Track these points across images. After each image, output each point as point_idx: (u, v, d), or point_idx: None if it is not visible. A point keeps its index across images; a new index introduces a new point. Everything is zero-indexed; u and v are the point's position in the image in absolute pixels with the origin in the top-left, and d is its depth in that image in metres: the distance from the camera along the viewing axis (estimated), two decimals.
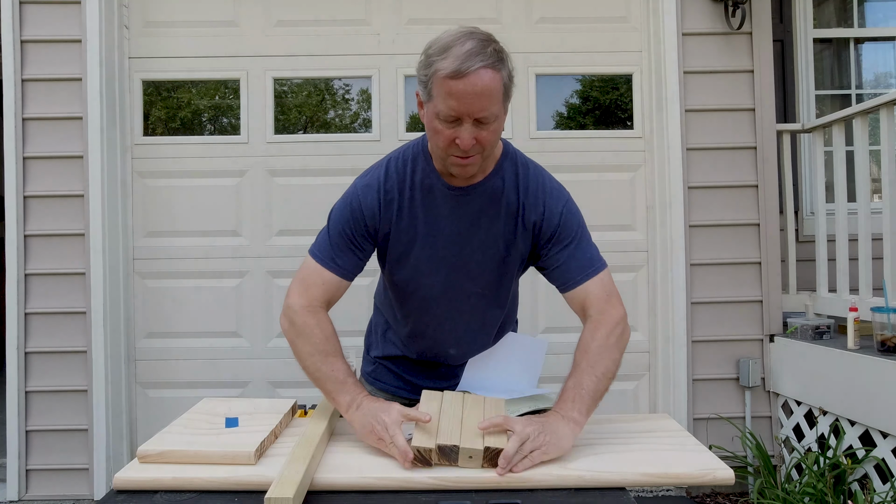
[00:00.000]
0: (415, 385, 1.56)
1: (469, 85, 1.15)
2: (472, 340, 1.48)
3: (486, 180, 1.35)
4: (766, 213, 2.89)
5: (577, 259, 1.35)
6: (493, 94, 1.18)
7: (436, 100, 1.20)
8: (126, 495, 1.01)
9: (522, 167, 1.39)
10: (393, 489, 1.02)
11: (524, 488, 1.02)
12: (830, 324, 2.70)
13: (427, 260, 1.36)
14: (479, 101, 1.16)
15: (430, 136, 1.27)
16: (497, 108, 1.20)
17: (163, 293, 2.98)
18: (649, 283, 3.01)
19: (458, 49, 1.16)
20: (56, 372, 2.80)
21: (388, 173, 1.35)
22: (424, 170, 1.35)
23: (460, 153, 1.22)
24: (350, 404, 1.23)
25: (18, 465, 2.79)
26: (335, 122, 3.11)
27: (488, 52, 1.17)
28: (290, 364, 2.96)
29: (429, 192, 1.34)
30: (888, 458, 2.27)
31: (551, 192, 1.38)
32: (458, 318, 1.44)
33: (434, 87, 1.19)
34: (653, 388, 3.01)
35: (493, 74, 1.17)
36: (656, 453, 1.12)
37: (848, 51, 3.73)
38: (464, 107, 1.17)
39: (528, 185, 1.37)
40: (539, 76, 3.04)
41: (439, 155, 1.28)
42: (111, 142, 2.86)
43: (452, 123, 1.19)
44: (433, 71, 1.18)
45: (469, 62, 1.14)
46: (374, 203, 1.33)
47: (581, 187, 2.98)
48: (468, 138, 1.19)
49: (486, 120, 1.19)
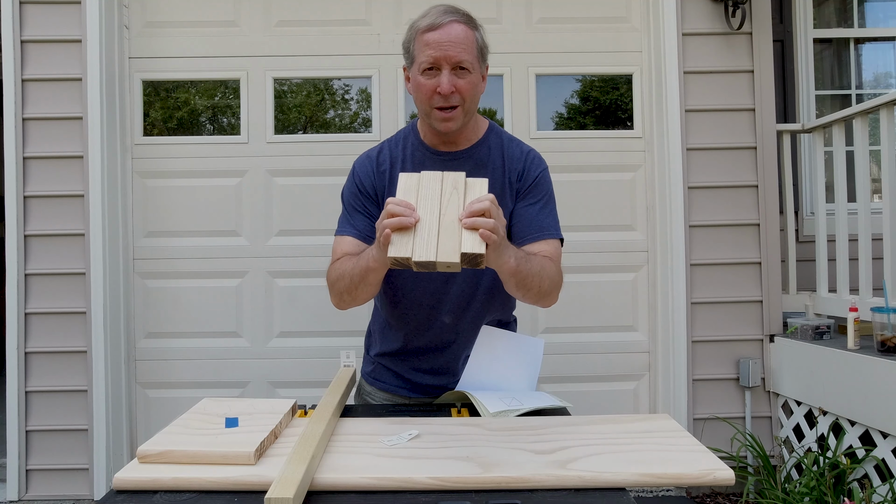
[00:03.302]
0: (414, 383, 1.56)
1: (443, 34, 1.33)
2: (466, 307, 1.50)
3: (473, 148, 1.48)
4: (766, 213, 2.89)
5: (539, 219, 1.46)
6: (466, 42, 1.34)
7: (417, 57, 1.36)
8: (126, 495, 1.01)
9: (507, 138, 1.53)
10: (393, 489, 1.02)
11: (524, 488, 1.02)
12: (830, 324, 2.70)
13: None
14: (454, 48, 1.33)
15: (416, 96, 1.41)
16: (471, 58, 1.35)
17: (163, 293, 2.98)
18: (649, 283, 3.02)
19: (434, 11, 1.36)
20: (56, 372, 2.80)
21: (382, 149, 1.53)
22: (414, 144, 1.50)
23: (442, 102, 1.36)
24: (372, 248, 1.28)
25: (18, 465, 2.79)
26: (335, 122, 3.11)
27: (460, 13, 1.36)
28: (290, 364, 2.98)
29: (420, 163, 1.46)
30: (888, 458, 2.27)
31: (533, 159, 1.50)
32: (452, 280, 1.48)
33: (415, 45, 1.36)
34: (653, 388, 3.01)
35: (465, 28, 1.35)
36: (656, 453, 1.12)
37: (848, 51, 3.73)
38: (440, 52, 1.33)
39: (513, 150, 1.50)
40: (539, 76, 3.05)
41: (424, 112, 1.40)
42: (111, 142, 2.86)
43: (432, 73, 1.35)
44: (413, 32, 1.37)
45: (443, 17, 1.34)
46: (369, 170, 1.50)
47: (581, 187, 2.99)
48: (447, 84, 1.33)
49: (463, 66, 1.34)
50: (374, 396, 1.63)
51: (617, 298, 3.02)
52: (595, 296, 2.99)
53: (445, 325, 1.51)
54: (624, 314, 3.03)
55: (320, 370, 2.92)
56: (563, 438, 1.19)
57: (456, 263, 1.06)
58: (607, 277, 3.01)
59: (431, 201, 1.14)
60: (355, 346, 1.84)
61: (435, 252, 1.06)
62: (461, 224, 1.09)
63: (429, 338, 1.53)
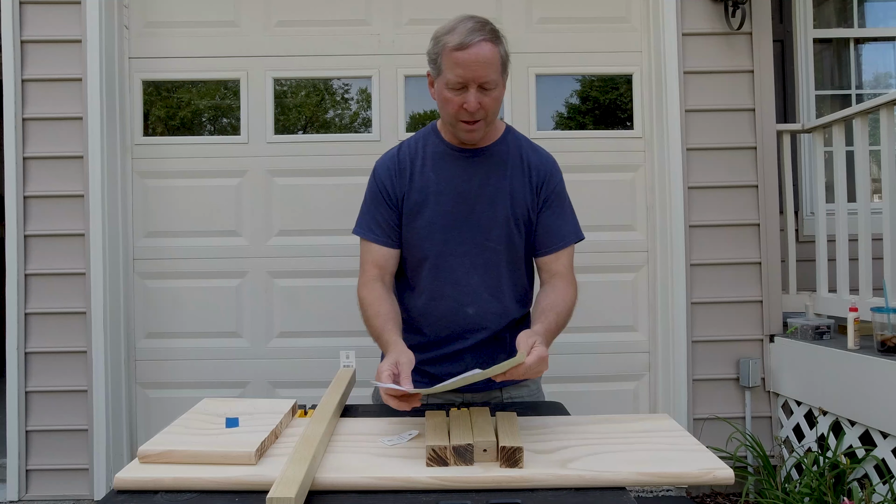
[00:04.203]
0: (431, 375, 1.57)
1: (472, 55, 1.37)
2: (489, 299, 1.54)
3: (493, 145, 1.55)
4: (766, 213, 2.89)
5: (560, 228, 1.56)
6: (492, 62, 1.39)
7: (445, 72, 1.41)
8: (126, 495, 1.01)
9: (525, 140, 1.60)
10: (393, 489, 1.02)
11: (524, 488, 1.02)
12: (830, 324, 2.70)
13: (441, 216, 1.51)
14: (482, 69, 1.38)
15: (442, 107, 1.47)
16: (496, 76, 1.41)
17: (163, 293, 2.98)
18: (649, 283, 3.02)
19: (462, 27, 1.39)
20: (56, 372, 2.80)
21: (402, 149, 1.58)
22: (435, 142, 1.56)
23: (468, 117, 1.42)
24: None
25: (18, 465, 2.79)
26: (335, 122, 3.11)
27: (487, 30, 1.40)
28: (290, 364, 2.98)
29: (440, 158, 1.54)
30: (888, 458, 2.27)
31: (552, 164, 1.59)
32: (473, 272, 1.53)
33: (443, 61, 1.40)
34: (653, 388, 3.01)
35: (492, 47, 1.40)
36: (656, 453, 1.12)
37: (848, 51, 3.74)
38: (469, 73, 1.38)
39: (531, 153, 1.57)
40: (539, 76, 3.05)
41: (449, 122, 1.47)
42: (111, 142, 2.86)
43: (460, 91, 1.40)
44: (441, 46, 1.40)
45: (471, 36, 1.37)
46: (390, 170, 1.55)
47: (581, 187, 2.98)
48: (474, 102, 1.40)
49: (488, 86, 1.40)
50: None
51: (617, 298, 3.02)
52: (595, 296, 2.99)
53: (469, 316, 1.54)
54: (624, 314, 3.03)
55: (320, 370, 2.92)
56: (563, 438, 1.19)
57: (492, 442, 1.11)
58: (607, 277, 3.01)
59: (462, 418, 1.24)
60: (355, 346, 1.84)
61: None
62: None
63: (450, 321, 1.55)
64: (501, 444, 1.07)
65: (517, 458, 1.06)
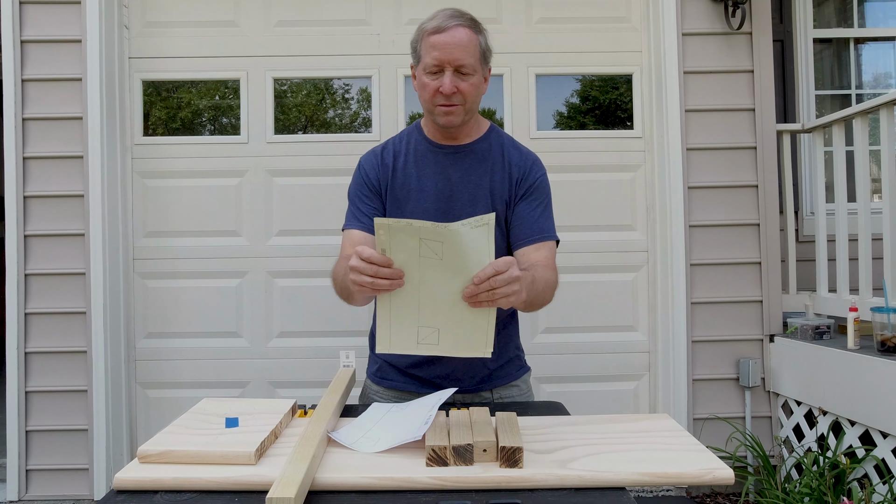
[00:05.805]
0: (420, 379, 1.56)
1: (448, 37, 1.39)
2: None
3: (475, 143, 1.55)
4: (766, 213, 2.89)
5: (539, 222, 1.52)
6: (469, 47, 1.40)
7: (423, 57, 1.43)
8: (126, 495, 1.01)
9: (507, 138, 1.60)
10: (393, 489, 1.02)
11: (524, 488, 1.02)
12: (830, 324, 2.70)
13: (422, 213, 1.50)
14: (458, 51, 1.39)
15: (420, 93, 1.48)
16: (473, 61, 1.42)
17: (163, 293, 2.98)
18: (649, 283, 3.02)
19: (441, 14, 1.42)
20: (56, 372, 2.80)
21: (387, 146, 1.60)
22: (418, 139, 1.57)
23: (444, 100, 1.43)
24: None
25: (18, 465, 2.79)
26: (335, 122, 3.11)
27: (466, 18, 1.43)
28: (290, 364, 2.98)
29: (423, 155, 1.54)
30: (888, 458, 2.27)
31: (535, 161, 1.57)
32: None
33: (421, 46, 1.43)
34: (653, 388, 3.01)
35: (470, 32, 1.41)
36: (656, 453, 1.12)
37: (848, 51, 3.73)
38: (444, 55, 1.40)
39: (513, 150, 1.57)
40: (539, 76, 3.05)
41: (427, 109, 1.48)
42: (111, 142, 2.86)
43: (436, 75, 1.42)
44: (420, 32, 1.44)
45: (448, 21, 1.40)
46: (374, 164, 1.56)
47: (581, 187, 2.99)
48: (449, 84, 1.40)
49: (465, 70, 1.41)
50: (381, 395, 1.61)
51: (617, 298, 3.02)
52: (595, 296, 2.99)
53: None
54: (624, 314, 3.03)
55: (320, 370, 2.92)
56: (563, 438, 1.19)
57: (492, 443, 1.09)
58: (607, 277, 3.01)
59: (461, 417, 1.23)
60: (355, 346, 1.84)
61: None
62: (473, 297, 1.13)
63: None
64: (501, 444, 1.07)
65: (517, 459, 1.06)
